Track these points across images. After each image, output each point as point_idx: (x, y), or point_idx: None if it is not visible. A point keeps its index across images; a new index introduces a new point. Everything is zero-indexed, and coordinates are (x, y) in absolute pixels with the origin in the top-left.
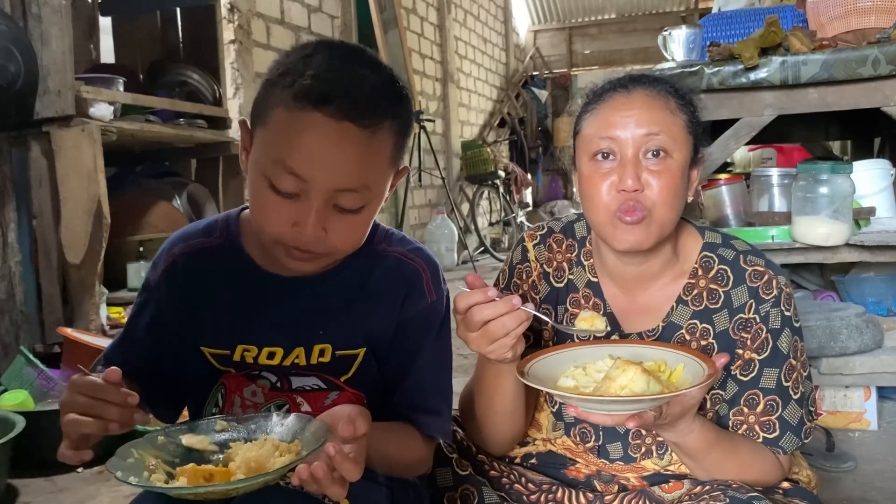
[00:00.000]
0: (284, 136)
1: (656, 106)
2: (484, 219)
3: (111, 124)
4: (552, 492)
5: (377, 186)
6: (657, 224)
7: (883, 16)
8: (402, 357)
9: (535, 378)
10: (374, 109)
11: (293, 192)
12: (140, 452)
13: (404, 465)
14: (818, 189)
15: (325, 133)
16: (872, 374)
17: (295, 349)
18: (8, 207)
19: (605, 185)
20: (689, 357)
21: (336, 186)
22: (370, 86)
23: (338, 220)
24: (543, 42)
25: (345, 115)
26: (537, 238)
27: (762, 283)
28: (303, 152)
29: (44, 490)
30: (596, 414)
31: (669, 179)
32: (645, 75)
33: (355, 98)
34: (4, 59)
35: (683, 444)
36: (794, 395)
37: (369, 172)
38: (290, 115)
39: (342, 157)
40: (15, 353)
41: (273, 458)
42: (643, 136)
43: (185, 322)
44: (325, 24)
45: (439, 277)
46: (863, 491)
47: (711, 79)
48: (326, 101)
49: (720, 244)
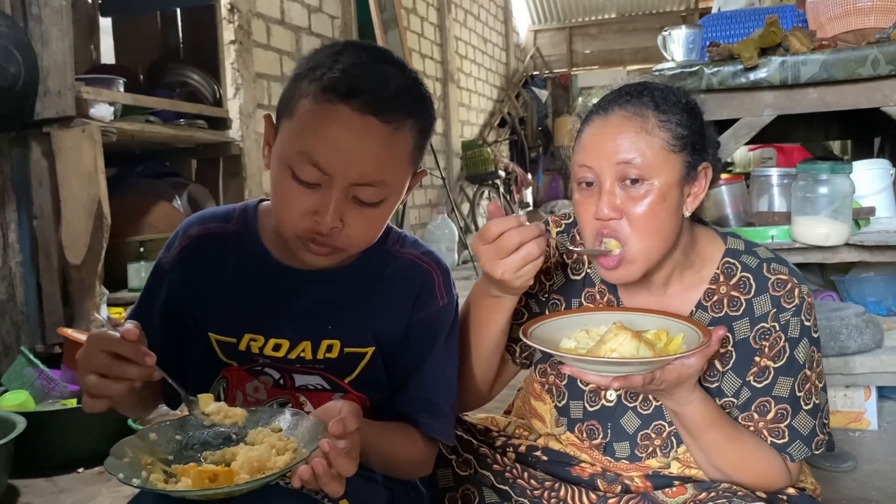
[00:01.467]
0: (310, 126)
1: (631, 129)
2: (484, 219)
3: (111, 125)
4: (555, 489)
5: (396, 183)
6: (638, 259)
7: (882, 16)
8: (410, 359)
9: (536, 339)
10: (399, 107)
11: (315, 182)
12: (134, 451)
13: (404, 465)
14: (818, 189)
15: (349, 126)
16: (872, 374)
17: (301, 342)
18: (8, 208)
19: (587, 214)
20: (690, 327)
21: (356, 179)
22: (396, 83)
23: (355, 213)
24: (544, 42)
25: (369, 110)
26: (562, 226)
27: (785, 292)
28: (327, 143)
29: (44, 490)
30: (588, 373)
31: (647, 207)
32: (629, 88)
33: (381, 93)
34: (5, 59)
35: (682, 415)
36: (805, 405)
37: (389, 168)
38: (317, 107)
39: (364, 151)
40: (16, 353)
41: (273, 458)
42: (617, 165)
43: (196, 305)
44: (326, 25)
45: (450, 282)
46: (862, 491)
47: (711, 79)
48: (353, 94)
49: (743, 251)
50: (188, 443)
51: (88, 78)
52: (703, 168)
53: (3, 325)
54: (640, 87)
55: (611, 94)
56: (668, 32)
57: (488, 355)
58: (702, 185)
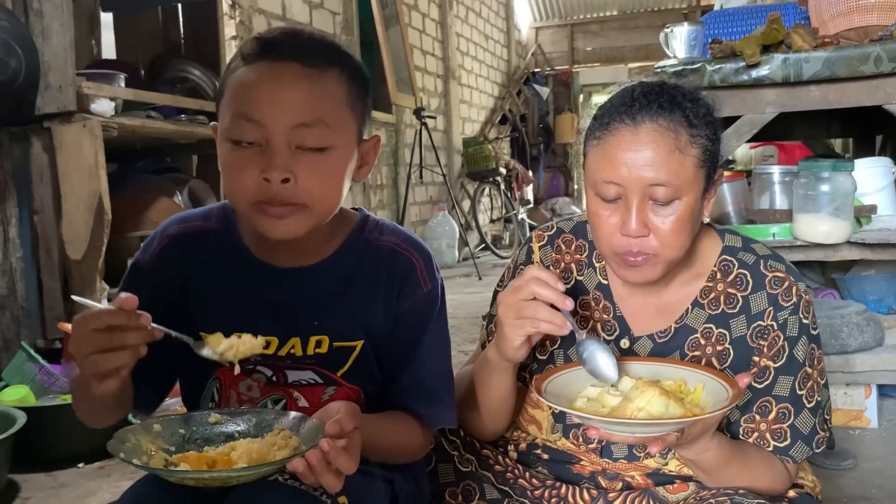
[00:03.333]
0: (238, 90)
1: (665, 146)
2: (485, 216)
3: (112, 120)
4: (556, 487)
5: (337, 126)
6: (664, 262)
7: (885, 13)
8: (401, 349)
9: (552, 396)
10: (320, 54)
11: (255, 139)
12: (137, 438)
13: (402, 453)
14: (819, 187)
15: (272, 74)
16: (873, 372)
17: (291, 339)
18: (9, 203)
19: (609, 227)
20: (708, 377)
21: (291, 122)
22: (313, 38)
23: (304, 163)
24: (545, 39)
25: (290, 57)
26: (545, 239)
27: (782, 290)
28: (256, 95)
29: (45, 485)
30: (618, 434)
31: (678, 224)
32: (657, 94)
33: (299, 44)
34: (5, 54)
35: (699, 462)
36: (807, 403)
37: (323, 107)
38: (241, 72)
39: (293, 91)
40: (16, 348)
41: (273, 453)
42: (649, 186)
43: (180, 306)
44: (327, 21)
45: (433, 266)
46: (862, 489)
47: (713, 76)
48: (271, 48)
49: (740, 248)
50: (191, 437)
51: (89, 73)
52: (718, 175)
53: (3, 319)
54: (669, 95)
55: (637, 98)
56: (670, 29)
57: (493, 412)
58: (715, 191)
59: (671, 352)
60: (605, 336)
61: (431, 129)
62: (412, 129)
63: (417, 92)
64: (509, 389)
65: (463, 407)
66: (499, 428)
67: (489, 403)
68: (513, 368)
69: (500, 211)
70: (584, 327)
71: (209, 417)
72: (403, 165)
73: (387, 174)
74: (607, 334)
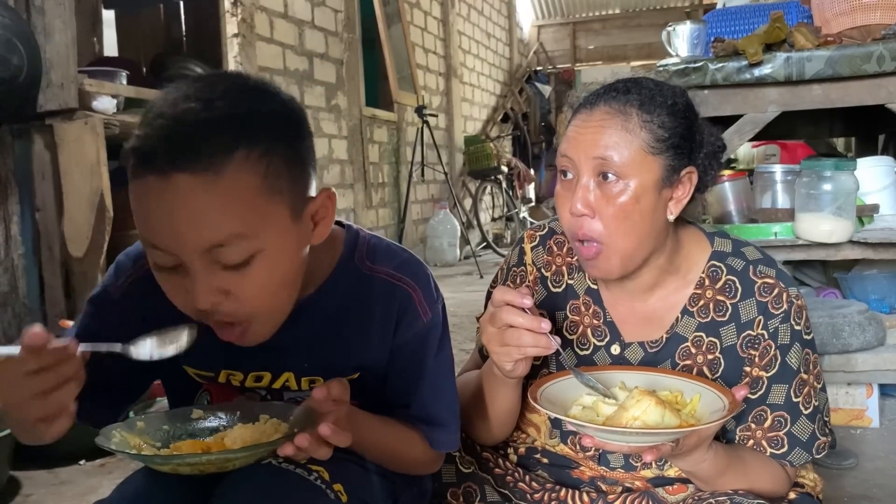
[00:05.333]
0: (136, 210)
1: (612, 125)
2: (486, 214)
3: (114, 118)
4: (556, 491)
5: (258, 226)
6: (617, 254)
7: (888, 12)
8: (402, 379)
9: (548, 403)
10: (209, 148)
11: (173, 265)
12: (122, 434)
13: (401, 460)
14: (822, 186)
15: (161, 195)
16: (874, 372)
17: (284, 373)
18: (11, 200)
19: (565, 209)
20: (705, 388)
21: (199, 247)
22: (199, 122)
23: (234, 279)
24: (547, 37)
25: (174, 167)
26: (536, 239)
27: (772, 298)
28: (154, 223)
29: (46, 482)
30: (613, 443)
31: (619, 207)
32: (624, 83)
33: (177, 146)
34: (7, 51)
35: (696, 472)
36: (804, 410)
37: (231, 217)
38: (133, 186)
39: (187, 215)
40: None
41: (266, 437)
42: (594, 160)
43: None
44: (329, 18)
45: (431, 290)
46: (864, 488)
47: (716, 75)
48: (153, 157)
49: (730, 253)
50: (175, 433)
51: (91, 70)
52: (686, 172)
53: (5, 317)
54: (629, 83)
55: (601, 88)
56: (672, 28)
57: (495, 420)
58: (686, 190)
59: (662, 360)
60: (596, 342)
61: (433, 127)
62: (414, 127)
63: (419, 90)
64: (516, 401)
65: (468, 414)
66: (506, 434)
67: (497, 413)
68: (516, 383)
69: (501, 209)
70: (574, 332)
71: (192, 413)
72: (405, 163)
73: (388, 172)
74: (598, 340)
